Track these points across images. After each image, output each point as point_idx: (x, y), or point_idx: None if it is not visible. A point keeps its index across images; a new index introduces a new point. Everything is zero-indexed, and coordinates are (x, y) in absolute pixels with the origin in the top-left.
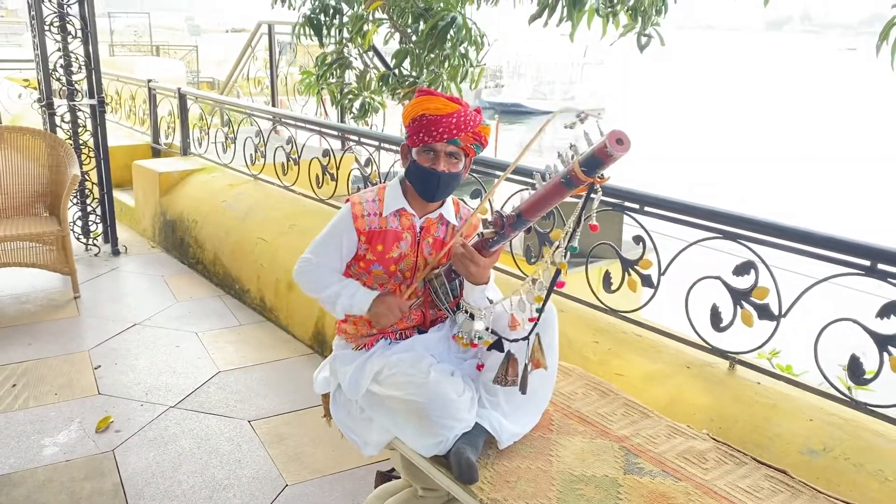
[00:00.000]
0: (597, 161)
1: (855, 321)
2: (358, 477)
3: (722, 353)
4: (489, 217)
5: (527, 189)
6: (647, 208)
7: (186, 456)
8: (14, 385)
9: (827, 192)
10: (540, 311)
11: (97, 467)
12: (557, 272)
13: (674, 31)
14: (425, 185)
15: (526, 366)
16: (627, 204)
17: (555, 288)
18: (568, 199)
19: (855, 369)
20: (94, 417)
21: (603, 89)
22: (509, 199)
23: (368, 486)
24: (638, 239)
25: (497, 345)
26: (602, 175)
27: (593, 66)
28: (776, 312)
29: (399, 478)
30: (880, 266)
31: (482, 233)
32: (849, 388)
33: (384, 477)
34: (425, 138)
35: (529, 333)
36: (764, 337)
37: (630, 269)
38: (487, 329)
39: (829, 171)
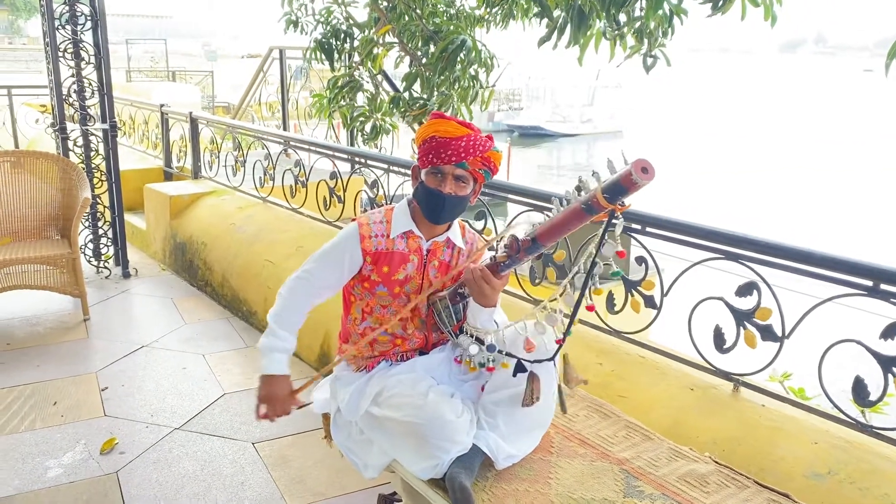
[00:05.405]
0: (621, 188)
1: (859, 342)
2: (360, 500)
3: (726, 375)
4: (504, 241)
5: (532, 210)
6: (648, 229)
7: (189, 478)
8: (21, 406)
9: (846, 211)
10: (566, 333)
11: (100, 489)
12: (580, 298)
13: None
14: (431, 206)
15: (559, 386)
16: (630, 225)
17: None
18: None
19: (860, 391)
20: (99, 439)
21: (620, 112)
22: (515, 218)
23: None
24: (640, 260)
25: (519, 367)
26: (623, 202)
27: (611, 89)
28: (779, 333)
29: (401, 501)
30: (883, 286)
31: (494, 256)
32: (862, 412)
33: (386, 500)
34: (434, 160)
35: (554, 355)
36: (768, 358)
37: (633, 290)
38: (501, 352)
39: (848, 190)
